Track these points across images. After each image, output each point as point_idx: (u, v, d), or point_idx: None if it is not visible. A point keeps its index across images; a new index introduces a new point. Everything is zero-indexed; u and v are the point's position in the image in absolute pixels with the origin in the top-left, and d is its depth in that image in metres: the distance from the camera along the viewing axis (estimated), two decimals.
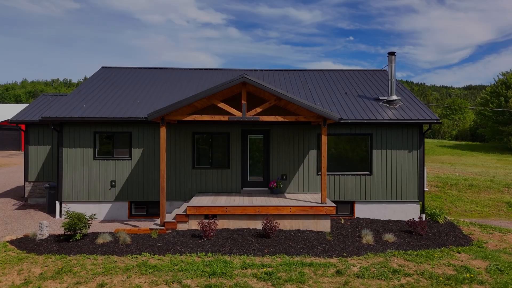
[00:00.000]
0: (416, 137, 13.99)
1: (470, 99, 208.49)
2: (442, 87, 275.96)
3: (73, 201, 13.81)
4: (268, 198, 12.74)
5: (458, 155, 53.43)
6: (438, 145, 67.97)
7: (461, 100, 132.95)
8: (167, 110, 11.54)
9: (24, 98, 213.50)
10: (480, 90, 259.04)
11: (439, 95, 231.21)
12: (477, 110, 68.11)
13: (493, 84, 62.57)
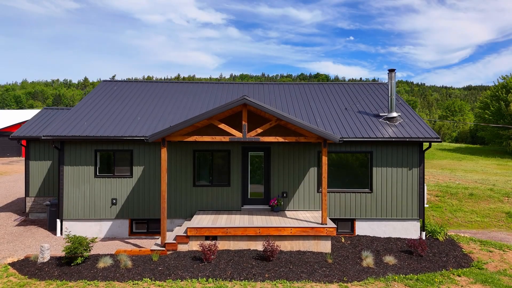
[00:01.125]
0: (416, 154, 14.01)
1: (470, 99, 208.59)
2: (442, 87, 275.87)
3: (74, 219, 13.84)
4: (268, 218, 12.76)
5: (458, 159, 53.46)
6: (438, 148, 67.97)
7: (461, 102, 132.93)
8: (168, 131, 11.56)
9: (24, 99, 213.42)
10: (480, 91, 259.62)
11: (439, 95, 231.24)
12: (477, 114, 68.12)
13: (493, 87, 62.58)
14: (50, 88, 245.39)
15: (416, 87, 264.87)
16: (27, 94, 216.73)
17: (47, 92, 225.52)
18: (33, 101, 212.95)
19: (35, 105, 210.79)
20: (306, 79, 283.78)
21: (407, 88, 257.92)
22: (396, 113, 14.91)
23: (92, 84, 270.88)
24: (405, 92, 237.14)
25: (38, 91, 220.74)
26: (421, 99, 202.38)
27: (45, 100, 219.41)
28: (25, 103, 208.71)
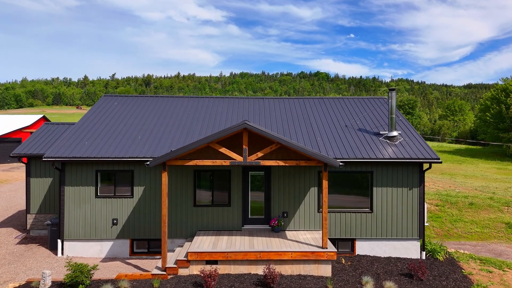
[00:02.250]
0: (416, 175, 14.03)
1: (470, 98, 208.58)
2: (442, 85, 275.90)
3: (75, 239, 13.89)
4: (269, 240, 12.80)
5: (458, 163, 53.49)
6: (438, 150, 67.97)
7: (461, 102, 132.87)
8: (169, 156, 11.58)
9: (24, 98, 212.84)
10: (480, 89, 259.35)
11: (439, 94, 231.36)
12: (477, 116, 68.09)
13: (493, 90, 62.53)
14: (50, 87, 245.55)
15: (417, 85, 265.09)
16: (27, 92, 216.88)
17: (47, 90, 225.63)
18: (33, 99, 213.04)
19: (35, 104, 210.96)
20: (306, 77, 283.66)
21: (407, 86, 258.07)
22: (396, 132, 14.93)
23: (92, 83, 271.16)
24: (405, 90, 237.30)
25: (38, 90, 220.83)
26: (421, 97, 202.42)
27: (45, 99, 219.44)
28: (25, 101, 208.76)
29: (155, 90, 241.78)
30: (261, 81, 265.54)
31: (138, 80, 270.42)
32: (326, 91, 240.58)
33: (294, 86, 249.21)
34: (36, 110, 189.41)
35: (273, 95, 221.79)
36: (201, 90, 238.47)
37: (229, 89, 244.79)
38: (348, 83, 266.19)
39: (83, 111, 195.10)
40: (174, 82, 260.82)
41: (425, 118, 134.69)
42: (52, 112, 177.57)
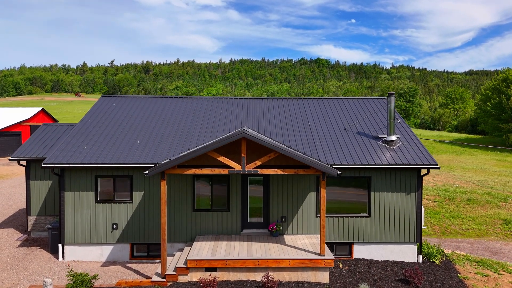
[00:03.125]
0: (414, 180, 14.09)
1: (472, 85, 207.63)
2: (443, 72, 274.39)
3: (76, 243, 14.03)
4: (267, 246, 12.94)
5: (458, 154, 53.57)
6: (437, 140, 67.99)
7: (462, 90, 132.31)
8: (167, 166, 11.62)
9: (23, 85, 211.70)
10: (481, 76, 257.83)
11: (440, 81, 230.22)
12: (477, 106, 67.90)
13: (494, 79, 62.19)
14: (49, 74, 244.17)
15: (418, 72, 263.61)
16: (25, 80, 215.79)
17: (46, 77, 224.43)
18: (32, 87, 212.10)
19: (34, 91, 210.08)
20: (306, 64, 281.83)
21: (408, 73, 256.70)
22: (395, 136, 14.93)
23: (91, 69, 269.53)
24: (406, 77, 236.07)
25: (36, 77, 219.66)
26: (422, 84, 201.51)
27: (44, 86, 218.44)
28: (24, 89, 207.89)
29: (154, 77, 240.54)
30: (261, 68, 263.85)
31: (137, 67, 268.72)
32: (327, 78, 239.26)
33: (294, 73, 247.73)
34: (35, 97, 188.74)
35: (273, 82, 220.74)
36: (201, 77, 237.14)
37: (228, 76, 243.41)
38: (349, 70, 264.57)
39: (83, 98, 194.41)
40: (173, 69, 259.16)
41: (425, 106, 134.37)
42: (51, 100, 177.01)
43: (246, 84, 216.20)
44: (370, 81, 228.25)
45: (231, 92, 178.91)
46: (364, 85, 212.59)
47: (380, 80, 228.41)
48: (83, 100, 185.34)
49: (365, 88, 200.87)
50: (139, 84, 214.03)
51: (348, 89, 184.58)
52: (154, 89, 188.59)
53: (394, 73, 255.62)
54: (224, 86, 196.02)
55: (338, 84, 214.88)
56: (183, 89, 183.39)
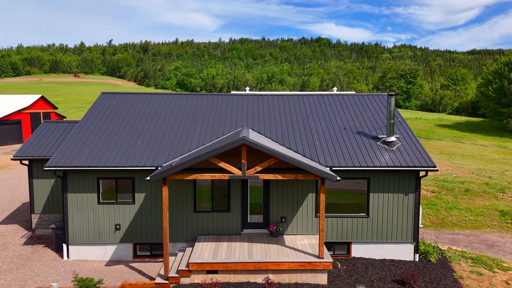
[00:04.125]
0: (412, 181, 14.26)
1: (474, 65, 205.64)
2: (445, 51, 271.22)
3: (80, 243, 14.33)
4: (267, 247, 13.22)
5: (457, 139, 53.68)
6: (437, 124, 67.94)
7: (464, 71, 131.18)
8: (168, 172, 11.76)
9: (21, 65, 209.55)
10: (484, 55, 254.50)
11: (442, 60, 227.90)
12: (479, 90, 67.53)
13: (496, 64, 61.63)
14: (47, 54, 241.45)
15: (420, 52, 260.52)
16: (23, 60, 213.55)
17: (44, 58, 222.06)
18: (30, 67, 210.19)
19: (32, 72, 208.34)
20: (307, 43, 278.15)
21: (410, 52, 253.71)
22: (394, 137, 15.01)
23: (88, 49, 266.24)
24: (407, 57, 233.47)
25: (34, 57, 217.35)
26: (424, 65, 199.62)
27: (42, 66, 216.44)
28: (22, 69, 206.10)
29: (153, 57, 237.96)
30: (261, 48, 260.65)
31: (135, 47, 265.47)
32: (327, 58, 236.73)
33: (295, 52, 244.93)
34: (33, 78, 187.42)
35: (273, 62, 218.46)
36: (200, 57, 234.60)
37: (228, 56, 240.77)
38: (350, 50, 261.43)
39: (81, 79, 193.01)
40: (172, 48, 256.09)
41: (426, 88, 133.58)
42: (49, 81, 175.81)
43: (246, 64, 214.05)
44: (371, 61, 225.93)
45: (231, 73, 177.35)
46: (365, 65, 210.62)
47: (381, 60, 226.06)
48: (82, 81, 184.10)
49: (366, 69, 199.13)
50: (137, 64, 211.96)
51: (349, 69, 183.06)
52: (153, 69, 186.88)
53: (396, 52, 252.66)
54: (224, 67, 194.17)
55: (339, 64, 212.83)
56: (182, 69, 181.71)
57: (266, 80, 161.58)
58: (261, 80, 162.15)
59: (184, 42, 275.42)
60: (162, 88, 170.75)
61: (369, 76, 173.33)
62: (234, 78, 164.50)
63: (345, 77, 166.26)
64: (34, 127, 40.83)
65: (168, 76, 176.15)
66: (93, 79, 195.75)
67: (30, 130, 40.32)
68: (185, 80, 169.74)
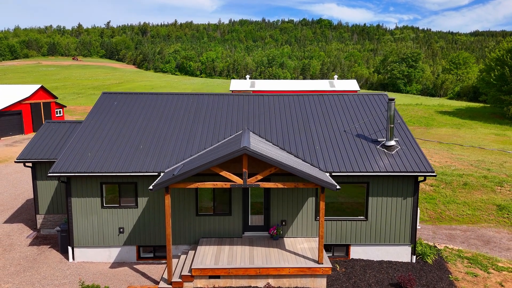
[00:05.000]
0: (411, 186, 14.47)
1: (476, 47, 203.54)
2: (448, 33, 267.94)
3: (84, 246, 14.66)
4: (268, 252, 13.54)
5: (457, 127, 53.75)
6: (438, 110, 67.87)
7: (466, 54, 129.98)
8: (171, 181, 11.96)
9: (19, 48, 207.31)
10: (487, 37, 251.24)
11: (444, 42, 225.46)
12: (480, 75, 67.11)
13: (498, 49, 61.07)
14: (44, 36, 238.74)
15: (422, 33, 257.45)
16: (21, 43, 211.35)
17: (41, 40, 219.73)
18: (28, 50, 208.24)
19: (30, 55, 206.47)
20: (308, 24, 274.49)
21: (412, 34, 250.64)
22: (394, 141, 15.14)
23: (86, 31, 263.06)
24: (410, 39, 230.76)
25: (32, 40, 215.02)
26: (426, 47, 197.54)
27: (40, 49, 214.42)
28: (20, 52, 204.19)
29: (152, 39, 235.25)
30: (261, 29, 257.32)
31: (134, 29, 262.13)
32: (329, 40, 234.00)
33: (296, 34, 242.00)
34: (31, 61, 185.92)
35: (273, 44, 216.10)
36: (199, 40, 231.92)
37: (228, 38, 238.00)
38: (351, 31, 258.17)
39: (80, 62, 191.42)
40: (171, 30, 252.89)
41: (428, 71, 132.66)
42: (48, 64, 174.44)
43: (246, 46, 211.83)
44: (372, 43, 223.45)
45: (231, 56, 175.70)
46: (366, 47, 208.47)
47: (383, 42, 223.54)
48: (81, 64, 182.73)
49: (368, 51, 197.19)
50: (136, 47, 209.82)
51: (350, 52, 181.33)
52: (152, 52, 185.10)
53: (398, 34, 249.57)
54: (223, 49, 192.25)
55: (340, 46, 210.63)
56: (181, 52, 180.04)
57: (266, 64, 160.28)
58: (261, 63, 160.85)
59: (183, 24, 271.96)
60: (162, 72, 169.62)
61: (370, 59, 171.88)
62: (234, 62, 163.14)
63: (346, 60, 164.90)
64: (34, 117, 40.94)
65: (167, 59, 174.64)
66: (92, 62, 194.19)
67: (30, 120, 40.42)
68: (185, 63, 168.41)
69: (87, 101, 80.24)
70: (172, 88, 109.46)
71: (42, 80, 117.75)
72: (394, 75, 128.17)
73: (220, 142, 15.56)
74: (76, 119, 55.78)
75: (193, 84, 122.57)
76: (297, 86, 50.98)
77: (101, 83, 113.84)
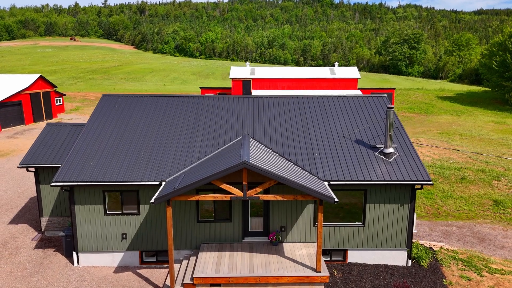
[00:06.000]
0: (408, 193, 14.73)
1: (480, 27, 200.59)
2: (451, 11, 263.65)
3: (89, 251, 15.05)
4: (268, 258, 13.92)
5: (457, 114, 53.73)
6: (438, 95, 67.66)
7: (469, 35, 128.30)
8: (172, 195, 12.21)
9: (16, 28, 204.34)
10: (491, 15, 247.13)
11: (448, 21, 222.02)
12: (481, 62, 66.53)
13: (501, 35, 60.34)
14: (41, 15, 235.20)
15: (425, 12, 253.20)
16: (18, 23, 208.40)
17: (38, 20, 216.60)
18: (25, 30, 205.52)
19: (27, 35, 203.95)
20: (309, 3, 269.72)
21: (415, 13, 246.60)
22: (392, 148, 15.30)
23: (83, 10, 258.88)
24: (412, 18, 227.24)
25: (28, 19, 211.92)
26: (429, 27, 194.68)
27: (37, 29, 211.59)
28: (17, 32, 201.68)
29: (150, 18, 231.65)
30: (261, 8, 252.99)
31: (132, 7, 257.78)
32: (330, 19, 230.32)
33: (296, 13, 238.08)
34: (29, 42, 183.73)
35: (274, 23, 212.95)
36: (199, 19, 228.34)
37: (227, 17, 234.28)
38: (353, 10, 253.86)
39: (78, 43, 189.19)
40: (169, 9, 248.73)
41: (430, 53, 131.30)
42: (45, 45, 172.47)
43: (246, 26, 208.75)
44: (374, 22, 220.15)
45: (231, 36, 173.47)
46: (368, 27, 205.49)
47: (385, 21, 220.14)
48: (79, 45, 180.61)
49: (369, 31, 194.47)
50: (135, 27, 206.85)
51: (352, 33, 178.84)
52: (150, 33, 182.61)
53: (401, 13, 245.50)
54: (223, 29, 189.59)
55: (341, 26, 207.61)
56: (181, 33, 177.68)
57: (266, 45, 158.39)
58: (261, 44, 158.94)
59: (182, 2, 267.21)
60: (161, 53, 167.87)
61: (372, 39, 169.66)
62: (234, 43, 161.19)
63: (347, 41, 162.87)
64: (34, 107, 40.94)
65: (166, 40, 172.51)
66: (90, 42, 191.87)
67: (31, 111, 40.44)
68: (184, 44, 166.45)
69: (86, 86, 79.89)
70: (172, 71, 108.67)
71: (40, 62, 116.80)
72: (395, 57, 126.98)
73: (221, 148, 15.73)
74: (76, 106, 55.68)
75: (192, 66, 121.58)
76: (297, 73, 50.60)
77: (99, 66, 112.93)
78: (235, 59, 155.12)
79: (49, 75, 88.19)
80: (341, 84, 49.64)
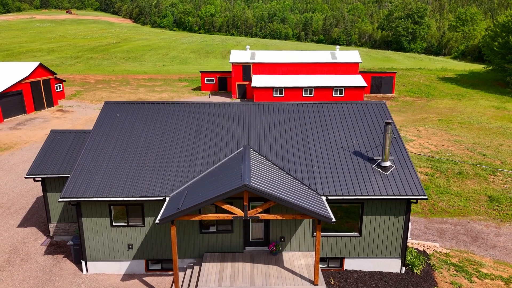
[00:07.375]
0: (403, 206, 15.25)
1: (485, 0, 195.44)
2: None
3: (96, 260, 15.76)
4: (268, 269, 14.60)
5: (458, 99, 53.70)
6: (440, 76, 67.27)
7: (474, 10, 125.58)
8: (176, 216, 12.73)
9: (11, 1, 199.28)
10: None
11: None
12: (484, 43, 65.65)
13: (505, 16, 59.28)
14: None
15: None
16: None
17: None
18: (20, 3, 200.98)
19: (22, 8, 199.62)
20: None
21: None
22: (389, 162, 15.68)
23: None
24: None
25: None
26: (433, 1, 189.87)
27: (32, 1, 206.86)
28: (12, 5, 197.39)
29: None
30: None
31: None
32: None
33: None
34: (25, 15, 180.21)
35: None
36: None
37: None
38: None
39: (74, 16, 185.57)
40: None
41: (433, 27, 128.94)
42: (42, 19, 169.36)
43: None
44: None
45: (230, 10, 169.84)
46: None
47: None
48: (75, 19, 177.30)
49: (372, 3, 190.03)
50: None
51: (354, 5, 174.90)
52: (148, 5, 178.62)
53: None
54: (222, 2, 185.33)
55: None
56: (179, 5, 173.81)
57: (267, 19, 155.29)
58: (261, 18, 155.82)
59: None
60: (159, 27, 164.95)
61: (375, 13, 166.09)
62: (234, 16, 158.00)
63: (349, 15, 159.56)
64: (35, 96, 40.97)
65: (164, 13, 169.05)
66: (87, 15, 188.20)
67: (31, 99, 40.49)
68: (183, 18, 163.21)
69: (85, 68, 79.21)
70: (171, 49, 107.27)
71: (38, 39, 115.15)
72: (398, 32, 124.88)
73: (222, 160, 16.12)
74: (76, 91, 55.54)
75: (192, 43, 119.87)
76: (298, 58, 50.19)
77: (98, 43, 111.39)
78: (235, 33, 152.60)
79: (47, 55, 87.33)
80: (342, 69, 49.43)
